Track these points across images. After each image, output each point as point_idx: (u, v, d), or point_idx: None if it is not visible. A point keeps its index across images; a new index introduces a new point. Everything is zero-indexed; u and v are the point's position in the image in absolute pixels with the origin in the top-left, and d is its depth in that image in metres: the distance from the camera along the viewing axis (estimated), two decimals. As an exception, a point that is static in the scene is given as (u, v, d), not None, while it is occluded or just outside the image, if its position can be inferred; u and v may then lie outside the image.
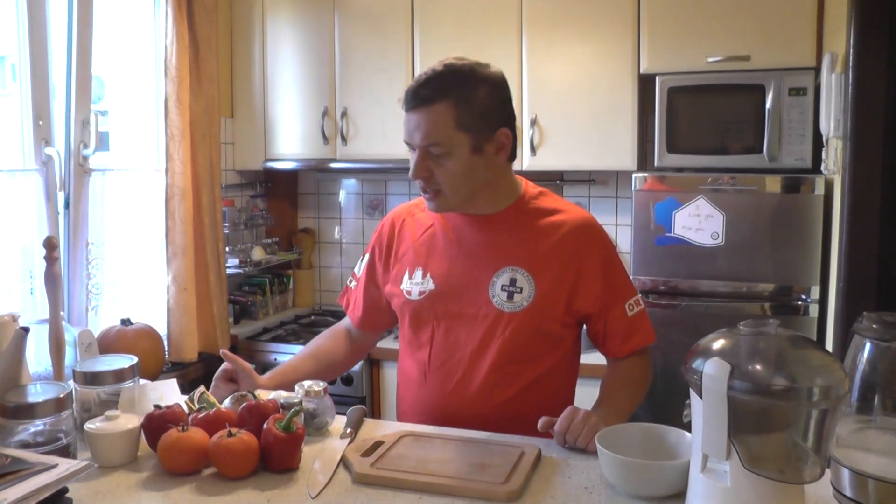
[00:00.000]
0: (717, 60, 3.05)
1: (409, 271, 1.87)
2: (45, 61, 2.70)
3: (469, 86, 1.69)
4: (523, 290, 1.77)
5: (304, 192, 4.27)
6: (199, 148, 3.28)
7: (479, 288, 1.79)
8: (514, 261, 1.79)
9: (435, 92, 1.67)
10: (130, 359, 1.77)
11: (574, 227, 1.80)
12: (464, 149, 1.69)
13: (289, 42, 3.71)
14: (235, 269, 3.69)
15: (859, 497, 1.29)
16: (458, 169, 1.70)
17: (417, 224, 1.92)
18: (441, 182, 1.72)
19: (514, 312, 1.76)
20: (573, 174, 3.69)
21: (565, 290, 1.77)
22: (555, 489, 1.44)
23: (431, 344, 1.84)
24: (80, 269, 2.90)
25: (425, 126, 1.68)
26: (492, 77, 1.74)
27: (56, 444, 1.52)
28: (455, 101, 1.67)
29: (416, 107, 1.69)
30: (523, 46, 3.35)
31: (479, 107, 1.69)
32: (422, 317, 1.85)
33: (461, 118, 1.67)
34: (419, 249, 1.88)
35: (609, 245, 1.85)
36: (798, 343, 1.24)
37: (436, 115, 1.67)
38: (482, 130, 1.70)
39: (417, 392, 1.88)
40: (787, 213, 2.90)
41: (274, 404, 1.62)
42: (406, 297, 1.86)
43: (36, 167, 2.71)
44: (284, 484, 1.47)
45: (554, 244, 1.79)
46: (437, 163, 1.70)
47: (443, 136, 1.68)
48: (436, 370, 1.84)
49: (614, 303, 1.81)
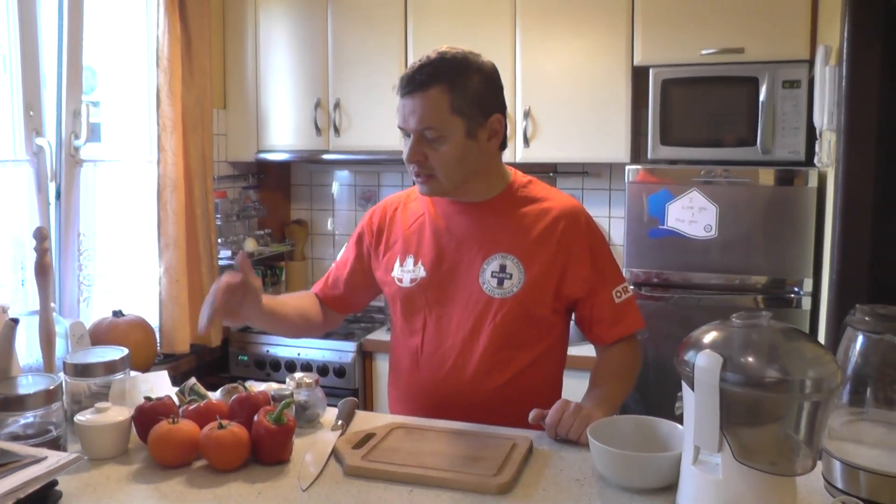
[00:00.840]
0: (711, 53, 3.05)
1: (401, 259, 1.88)
2: (36, 50, 2.69)
3: (463, 72, 1.71)
4: (513, 277, 1.78)
5: (297, 183, 4.26)
6: (192, 139, 3.27)
7: (470, 275, 1.81)
8: (503, 247, 1.80)
9: (430, 77, 1.69)
10: (121, 350, 1.76)
11: (562, 214, 1.82)
12: (458, 133, 1.71)
13: (282, 33, 3.69)
14: (228, 261, 3.68)
15: (851, 489, 1.29)
16: (452, 153, 1.72)
17: (409, 213, 1.93)
18: (435, 166, 1.73)
19: (505, 298, 1.78)
20: (566, 166, 3.69)
21: (554, 275, 1.79)
22: (546, 481, 1.44)
23: (424, 331, 1.85)
24: (71, 260, 2.89)
25: (420, 110, 1.70)
26: (483, 65, 1.76)
27: (46, 436, 1.51)
28: (449, 86, 1.69)
29: (410, 92, 1.71)
30: (517, 38, 3.34)
31: (472, 92, 1.71)
32: (414, 304, 1.86)
33: (455, 102, 1.69)
34: (410, 237, 1.89)
35: (596, 231, 1.86)
36: (790, 335, 1.24)
37: (431, 100, 1.69)
38: (475, 116, 1.72)
39: (409, 380, 1.89)
40: (781, 206, 2.90)
41: (265, 396, 1.62)
42: (398, 285, 1.87)
43: (27, 157, 2.70)
44: (275, 476, 1.46)
45: (542, 230, 1.80)
46: (431, 147, 1.72)
47: (437, 120, 1.70)
48: (428, 357, 1.85)
49: (601, 287, 1.82)
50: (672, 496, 1.34)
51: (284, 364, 3.45)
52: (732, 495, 1.21)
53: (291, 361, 3.44)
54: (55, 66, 2.82)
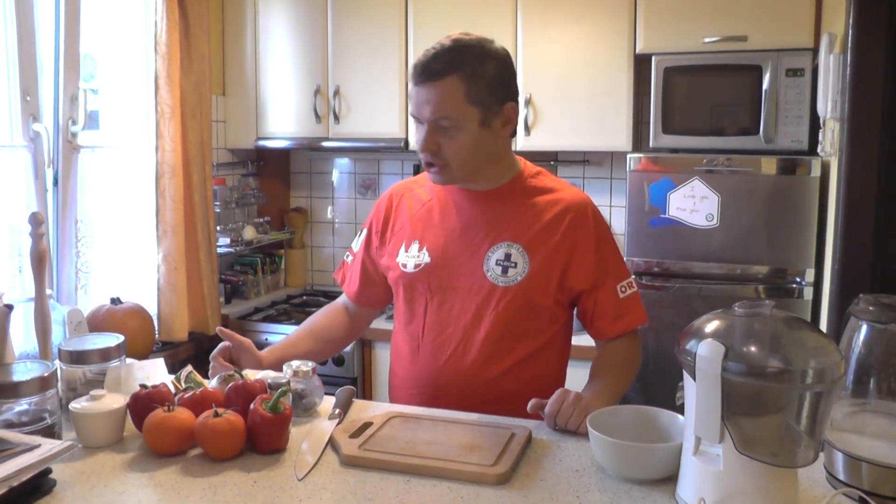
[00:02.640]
0: (714, 41, 3.02)
1: (406, 245, 1.88)
2: (32, 35, 2.66)
3: (478, 60, 1.70)
4: (517, 265, 1.77)
5: (297, 171, 4.24)
6: (190, 126, 3.25)
7: (475, 262, 1.80)
8: (509, 236, 1.79)
9: (445, 66, 1.67)
10: (117, 337, 1.75)
11: (569, 206, 1.81)
12: (473, 122, 1.70)
13: (281, 19, 3.67)
14: (226, 249, 3.67)
15: (853, 481, 1.28)
16: (468, 142, 1.71)
17: (415, 199, 1.93)
18: (449, 156, 1.72)
19: (508, 287, 1.77)
20: (567, 154, 3.67)
21: (558, 266, 1.78)
22: (545, 472, 1.43)
23: (425, 317, 1.85)
24: (69, 247, 2.87)
25: (436, 100, 1.68)
26: (498, 52, 1.75)
27: (40, 423, 1.51)
28: (465, 75, 1.67)
29: (425, 81, 1.69)
30: (518, 25, 3.32)
31: (488, 80, 1.70)
32: (416, 289, 1.86)
33: (471, 92, 1.68)
34: (416, 224, 1.89)
35: (603, 225, 1.85)
36: (793, 325, 1.23)
37: (446, 89, 1.67)
38: (491, 104, 1.71)
39: (410, 366, 1.89)
40: (783, 195, 2.89)
41: (261, 384, 1.61)
42: (402, 270, 1.87)
43: (24, 143, 2.68)
44: (271, 465, 1.45)
45: (549, 221, 1.80)
46: (446, 136, 1.71)
47: (453, 110, 1.68)
48: (429, 343, 1.84)
49: (605, 281, 1.81)
50: (672, 487, 1.33)
51: (283, 352, 3.43)
52: (733, 486, 1.20)
53: (290, 350, 3.42)
54: (52, 51, 2.80)
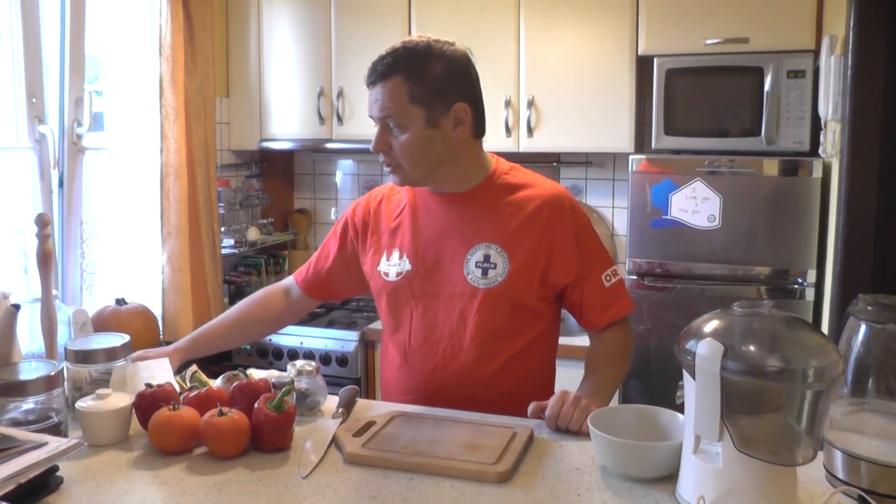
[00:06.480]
0: (716, 42, 3.03)
1: (387, 253, 1.88)
2: (38, 37, 2.68)
3: (422, 61, 1.71)
4: (497, 266, 1.77)
5: (300, 172, 4.26)
6: (194, 127, 3.26)
7: (455, 266, 1.80)
8: (486, 237, 1.79)
9: (389, 67, 1.71)
10: (122, 337, 1.77)
11: (545, 200, 1.81)
12: (418, 122, 1.71)
13: (285, 21, 3.68)
14: (230, 250, 3.68)
15: (852, 479, 1.29)
16: (413, 142, 1.72)
17: (392, 205, 1.93)
18: (399, 156, 1.74)
19: (490, 288, 1.77)
20: (570, 156, 3.68)
21: (539, 263, 1.78)
22: (546, 470, 1.44)
23: (410, 324, 1.85)
24: (74, 248, 2.89)
25: (381, 99, 1.72)
26: (450, 53, 1.74)
27: (47, 422, 1.52)
28: (407, 76, 1.70)
29: (374, 81, 1.74)
30: (521, 27, 3.33)
31: (432, 81, 1.71)
32: (399, 297, 1.86)
33: (413, 92, 1.70)
34: (395, 231, 1.89)
35: (582, 216, 1.84)
36: (792, 324, 1.24)
37: (390, 89, 1.71)
38: (435, 105, 1.71)
39: (399, 374, 1.89)
40: (785, 197, 2.89)
41: (265, 384, 1.62)
42: (384, 279, 1.87)
43: (29, 145, 2.69)
44: (275, 464, 1.46)
45: (525, 218, 1.79)
46: (394, 136, 1.73)
47: (396, 109, 1.71)
48: (416, 350, 1.84)
49: (589, 273, 1.81)
50: (672, 485, 1.34)
51: (287, 353, 3.45)
52: (733, 485, 1.21)
53: (294, 350, 3.44)
54: (58, 53, 2.81)
